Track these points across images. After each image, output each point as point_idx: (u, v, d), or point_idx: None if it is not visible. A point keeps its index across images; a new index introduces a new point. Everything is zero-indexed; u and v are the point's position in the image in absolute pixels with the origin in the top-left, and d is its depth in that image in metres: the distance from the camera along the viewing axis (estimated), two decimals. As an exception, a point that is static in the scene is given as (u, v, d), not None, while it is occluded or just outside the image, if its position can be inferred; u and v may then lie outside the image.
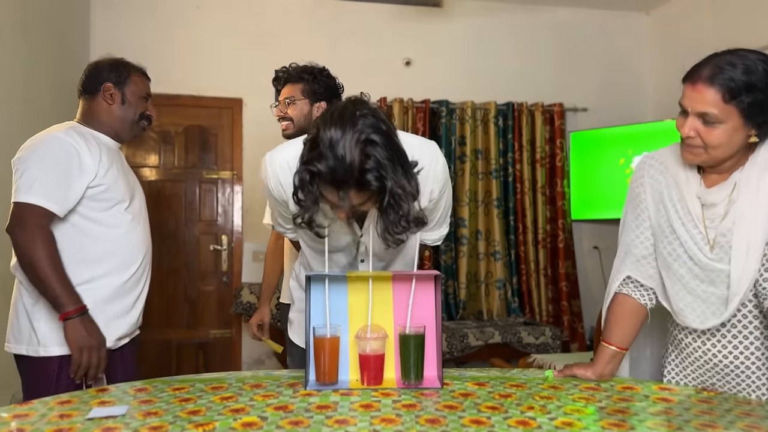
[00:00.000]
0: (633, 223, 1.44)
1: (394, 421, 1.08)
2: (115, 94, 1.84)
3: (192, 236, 4.07)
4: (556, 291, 4.44)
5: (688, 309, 1.34)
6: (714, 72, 1.20)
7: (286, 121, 2.19)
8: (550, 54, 4.57)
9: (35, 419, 1.09)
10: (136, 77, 1.89)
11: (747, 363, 1.32)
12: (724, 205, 1.27)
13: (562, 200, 4.45)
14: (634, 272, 1.43)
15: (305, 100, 2.19)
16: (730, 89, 1.18)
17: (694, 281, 1.32)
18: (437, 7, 4.28)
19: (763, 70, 1.18)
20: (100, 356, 1.63)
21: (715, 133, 1.21)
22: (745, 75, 1.17)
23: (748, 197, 1.24)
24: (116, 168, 1.80)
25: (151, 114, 1.94)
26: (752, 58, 1.19)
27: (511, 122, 4.43)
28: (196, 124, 4.10)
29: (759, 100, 1.18)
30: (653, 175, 1.40)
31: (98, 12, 3.99)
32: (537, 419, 1.09)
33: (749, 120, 1.20)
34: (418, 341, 1.33)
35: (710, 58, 1.24)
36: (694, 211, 1.31)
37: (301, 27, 4.19)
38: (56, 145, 1.67)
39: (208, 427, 1.04)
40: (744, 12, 3.80)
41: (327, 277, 1.39)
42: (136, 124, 1.90)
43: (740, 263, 1.24)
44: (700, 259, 1.30)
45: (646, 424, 1.09)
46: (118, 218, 1.78)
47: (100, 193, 1.73)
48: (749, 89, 1.17)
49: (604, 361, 1.42)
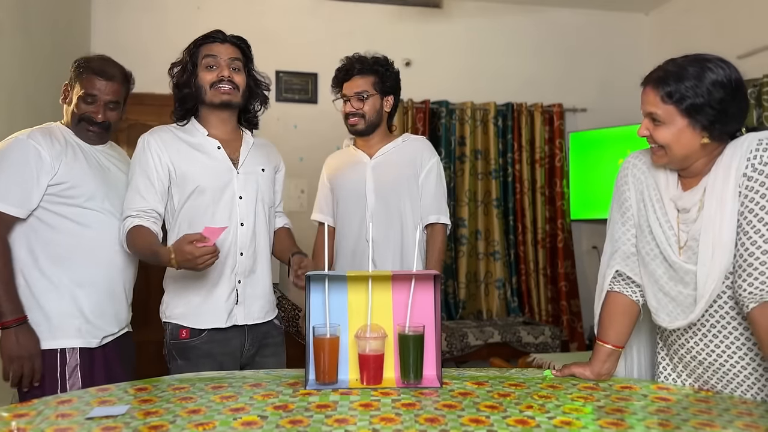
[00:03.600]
0: (619, 221, 1.47)
1: (393, 420, 1.08)
2: (67, 93, 1.84)
3: (192, 236, 4.07)
4: (555, 291, 4.45)
5: (660, 308, 1.38)
6: (658, 75, 1.30)
7: (357, 117, 2.15)
8: (549, 54, 4.58)
9: (35, 419, 1.09)
10: (86, 78, 1.79)
11: (731, 361, 1.33)
12: (696, 210, 1.31)
13: (562, 200, 4.46)
14: (623, 268, 1.45)
15: (377, 95, 2.15)
16: (668, 92, 1.27)
17: (668, 282, 1.35)
18: (437, 7, 4.28)
19: (707, 77, 1.24)
20: (33, 367, 1.66)
21: (661, 132, 1.30)
22: (683, 79, 1.26)
23: (713, 200, 1.27)
24: (85, 165, 1.78)
25: (93, 115, 1.79)
26: (699, 64, 1.27)
27: (511, 122, 4.43)
28: (196, 124, 4.10)
29: (697, 103, 1.24)
30: (636, 175, 1.44)
31: (99, 12, 4.00)
32: (536, 418, 1.09)
33: (694, 122, 1.26)
34: (417, 341, 1.33)
35: (664, 62, 1.33)
36: (671, 212, 1.36)
37: (301, 27, 4.19)
38: (16, 148, 1.71)
39: (209, 426, 1.05)
40: (743, 12, 3.80)
41: (327, 276, 1.39)
42: (77, 126, 1.81)
43: (706, 265, 1.27)
44: (673, 260, 1.33)
45: (644, 424, 1.09)
46: (88, 216, 1.76)
47: (64, 190, 1.73)
48: (685, 92, 1.25)
49: (601, 360, 1.43)
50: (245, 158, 1.84)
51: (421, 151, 2.22)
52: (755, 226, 1.22)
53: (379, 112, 2.17)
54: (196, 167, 1.77)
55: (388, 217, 2.15)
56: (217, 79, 1.77)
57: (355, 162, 2.22)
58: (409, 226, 2.16)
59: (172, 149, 1.78)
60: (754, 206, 1.22)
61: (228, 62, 1.79)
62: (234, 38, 1.84)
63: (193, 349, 1.73)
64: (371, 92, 2.14)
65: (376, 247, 2.07)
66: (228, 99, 1.79)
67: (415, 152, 2.21)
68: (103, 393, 1.26)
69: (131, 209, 1.72)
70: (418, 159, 2.20)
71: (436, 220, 2.19)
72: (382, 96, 2.17)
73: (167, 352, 1.77)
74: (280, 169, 2.01)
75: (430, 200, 2.20)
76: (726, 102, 1.24)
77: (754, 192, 1.22)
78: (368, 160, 2.20)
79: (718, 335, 1.33)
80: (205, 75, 1.79)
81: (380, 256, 2.12)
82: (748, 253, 1.22)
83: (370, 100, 2.14)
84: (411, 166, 2.19)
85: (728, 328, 1.32)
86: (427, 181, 2.20)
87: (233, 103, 1.81)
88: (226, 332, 1.76)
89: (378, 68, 2.15)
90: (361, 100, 2.14)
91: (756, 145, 1.23)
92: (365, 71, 2.15)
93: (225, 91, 1.78)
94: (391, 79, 2.18)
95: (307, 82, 4.17)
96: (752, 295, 1.21)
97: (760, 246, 1.21)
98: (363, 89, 2.13)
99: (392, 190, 2.16)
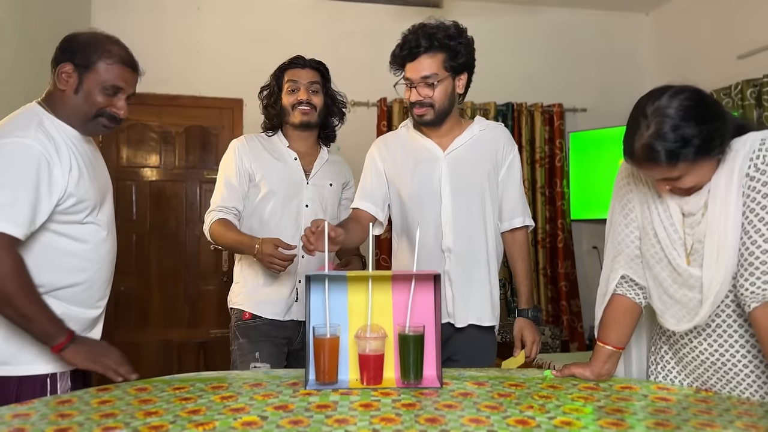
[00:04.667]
0: (622, 222, 1.45)
1: (393, 420, 1.08)
2: (71, 79, 1.51)
3: (192, 236, 4.07)
4: (555, 291, 4.45)
5: (666, 310, 1.37)
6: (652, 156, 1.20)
7: (425, 106, 1.78)
8: (549, 54, 4.57)
9: (35, 419, 1.09)
10: (106, 64, 1.52)
11: (733, 360, 1.33)
12: (701, 213, 1.29)
13: (562, 200, 4.46)
14: (628, 271, 1.44)
15: (448, 77, 1.78)
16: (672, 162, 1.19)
17: (673, 285, 1.35)
18: (437, 7, 4.28)
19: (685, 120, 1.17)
20: (113, 357, 1.48)
21: (685, 180, 1.23)
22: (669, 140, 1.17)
23: (717, 203, 1.26)
24: (86, 171, 1.54)
25: (117, 113, 1.56)
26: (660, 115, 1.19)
27: (511, 122, 4.43)
28: (197, 124, 4.10)
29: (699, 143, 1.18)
30: (639, 176, 1.41)
31: (99, 12, 4.00)
32: (536, 418, 1.09)
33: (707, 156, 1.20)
34: (417, 341, 1.33)
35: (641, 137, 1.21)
36: (675, 216, 1.33)
37: (301, 27, 4.19)
38: (24, 156, 1.41)
39: (209, 426, 1.05)
40: (743, 12, 3.80)
41: (327, 277, 1.39)
42: (91, 122, 1.55)
43: (711, 267, 1.26)
44: (679, 264, 1.32)
45: (644, 424, 1.09)
46: (87, 233, 1.55)
47: (71, 206, 1.49)
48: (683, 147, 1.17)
49: (601, 360, 1.42)
50: (317, 171, 2.11)
51: (502, 142, 1.89)
52: (756, 225, 1.22)
53: (450, 97, 1.80)
54: (272, 173, 2.04)
55: (470, 224, 1.83)
56: (297, 102, 2.05)
57: (425, 154, 1.86)
58: (492, 234, 1.88)
59: (256, 155, 2.06)
60: (755, 206, 1.22)
61: (307, 86, 2.05)
62: (313, 62, 2.11)
63: (253, 329, 1.99)
64: (442, 75, 1.76)
65: (455, 259, 1.81)
66: (306, 120, 2.05)
67: (495, 143, 1.88)
68: (104, 393, 1.26)
69: (216, 204, 2.03)
70: (500, 151, 1.88)
71: (522, 223, 1.92)
72: (453, 76, 1.79)
73: (231, 334, 2.05)
74: (349, 186, 2.22)
75: (515, 200, 1.90)
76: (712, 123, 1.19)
77: (756, 192, 1.22)
78: (442, 154, 1.84)
79: (722, 335, 1.33)
80: (288, 97, 2.06)
81: (458, 268, 1.81)
82: (749, 253, 1.22)
83: (440, 85, 1.76)
84: (490, 161, 1.86)
85: (734, 327, 1.32)
86: (509, 177, 1.89)
87: (311, 123, 2.08)
88: (285, 323, 2.02)
89: (449, 43, 1.76)
90: (430, 86, 1.76)
91: (759, 145, 1.23)
92: (434, 48, 1.75)
93: (304, 112, 2.04)
94: (465, 54, 1.79)
95: (307, 82, 4.17)
96: (754, 294, 1.21)
97: (761, 246, 1.21)
98: (432, 71, 1.75)
99: (473, 190, 1.84)
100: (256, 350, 1.96)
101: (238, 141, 2.11)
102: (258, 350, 1.96)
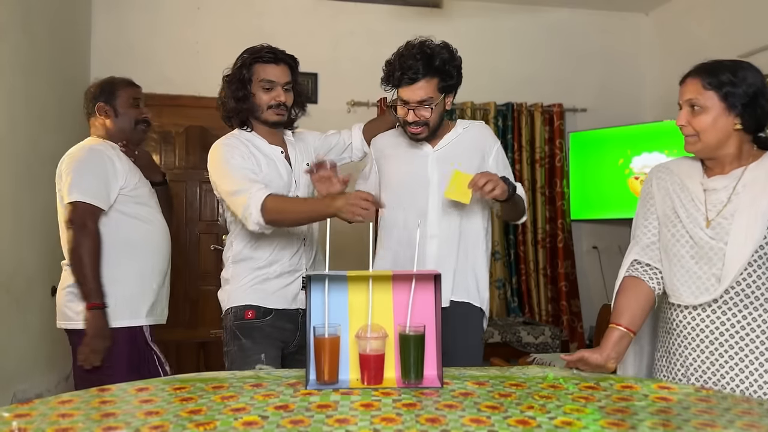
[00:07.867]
0: (642, 218, 1.58)
1: (394, 420, 1.08)
2: (108, 110, 2.13)
3: (193, 236, 4.07)
4: (555, 291, 4.45)
5: (683, 286, 1.45)
6: (700, 67, 1.46)
7: (420, 126, 1.91)
8: (549, 54, 4.58)
9: (36, 418, 1.09)
10: (122, 90, 2.15)
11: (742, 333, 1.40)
12: (726, 193, 1.42)
13: (562, 200, 4.46)
14: (641, 256, 1.54)
15: (441, 97, 1.92)
16: (709, 80, 1.42)
17: (690, 261, 1.44)
18: (437, 7, 4.28)
19: (741, 71, 1.41)
20: (105, 345, 1.95)
21: (700, 118, 1.42)
22: (722, 70, 1.41)
23: (754, 190, 1.39)
24: (135, 171, 2.13)
25: (147, 116, 2.18)
26: (735, 63, 1.44)
27: (511, 122, 4.43)
28: (197, 124, 4.10)
29: (734, 90, 1.40)
30: (660, 176, 1.57)
31: (100, 12, 4.00)
32: (537, 418, 1.09)
33: (730, 106, 1.40)
34: (418, 341, 1.33)
35: (701, 63, 1.48)
36: (697, 195, 1.46)
37: (301, 27, 4.20)
38: (95, 154, 2.04)
39: (209, 426, 1.05)
40: (743, 12, 3.80)
41: (327, 276, 1.39)
42: (134, 130, 2.16)
43: (737, 247, 1.38)
44: (700, 237, 1.42)
45: (645, 424, 1.09)
46: (149, 213, 2.14)
47: (131, 190, 2.07)
48: (725, 79, 1.40)
49: (612, 341, 1.46)
50: (294, 158, 2.06)
51: (484, 137, 2.07)
52: None
53: (441, 114, 1.96)
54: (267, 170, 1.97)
55: (457, 212, 1.96)
56: (274, 103, 1.97)
57: (414, 151, 2.02)
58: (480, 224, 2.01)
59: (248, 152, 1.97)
60: None
61: (283, 85, 1.99)
62: (287, 58, 2.03)
63: (258, 330, 1.95)
64: (437, 98, 1.89)
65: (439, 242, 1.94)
66: (280, 120, 2.01)
67: (478, 138, 2.05)
68: (104, 393, 1.26)
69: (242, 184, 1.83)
70: (486, 144, 2.05)
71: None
72: (445, 96, 1.94)
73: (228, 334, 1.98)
74: (320, 138, 2.20)
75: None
76: (757, 94, 1.40)
77: None
78: (431, 151, 2.01)
79: (734, 308, 1.40)
80: (262, 95, 1.98)
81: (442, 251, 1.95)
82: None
83: (436, 107, 1.89)
84: (478, 153, 2.02)
85: (745, 302, 1.40)
86: (497, 163, 2.04)
87: (283, 122, 2.05)
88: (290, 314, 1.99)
89: (445, 67, 1.88)
90: (426, 108, 1.88)
91: None
92: (430, 74, 1.86)
93: (279, 113, 1.98)
94: (456, 77, 1.93)
95: (307, 82, 4.16)
96: None
97: None
98: (428, 95, 1.87)
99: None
100: (262, 351, 1.92)
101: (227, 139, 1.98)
102: (263, 352, 1.92)
